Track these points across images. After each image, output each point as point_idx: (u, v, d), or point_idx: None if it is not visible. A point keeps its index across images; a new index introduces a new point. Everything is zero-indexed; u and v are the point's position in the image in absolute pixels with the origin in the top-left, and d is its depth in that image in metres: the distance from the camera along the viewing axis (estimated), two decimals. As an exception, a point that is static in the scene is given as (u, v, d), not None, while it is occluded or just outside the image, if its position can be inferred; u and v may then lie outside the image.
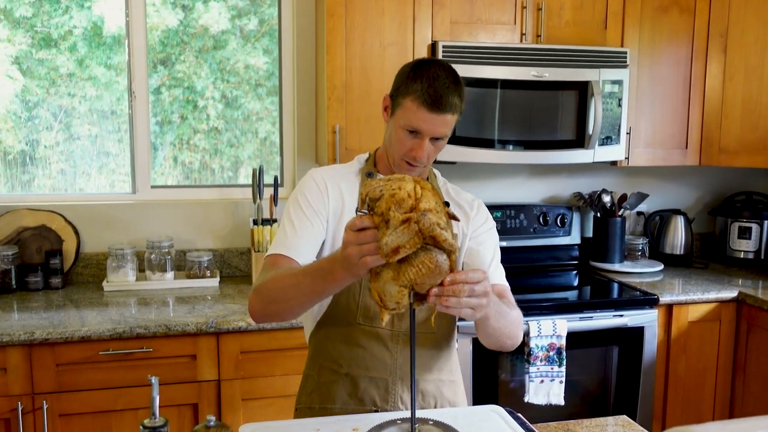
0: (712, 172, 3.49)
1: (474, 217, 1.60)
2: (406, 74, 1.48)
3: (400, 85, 1.49)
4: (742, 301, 2.79)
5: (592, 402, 2.73)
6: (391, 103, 1.52)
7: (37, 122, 2.86)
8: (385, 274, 1.12)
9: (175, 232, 2.89)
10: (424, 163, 1.50)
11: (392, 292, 1.12)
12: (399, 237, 1.06)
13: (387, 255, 1.07)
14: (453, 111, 1.45)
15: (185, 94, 2.98)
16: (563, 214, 3.19)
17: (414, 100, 1.44)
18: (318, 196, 1.53)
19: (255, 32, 3.01)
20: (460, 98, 1.46)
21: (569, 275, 3.16)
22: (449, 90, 1.43)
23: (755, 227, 3.23)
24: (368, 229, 1.11)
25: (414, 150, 1.47)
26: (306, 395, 1.59)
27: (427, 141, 1.47)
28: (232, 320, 2.29)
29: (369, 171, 1.60)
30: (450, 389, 1.59)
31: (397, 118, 1.49)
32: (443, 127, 1.46)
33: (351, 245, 1.13)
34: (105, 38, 2.87)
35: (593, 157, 2.83)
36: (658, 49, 2.94)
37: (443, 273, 1.12)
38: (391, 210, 1.07)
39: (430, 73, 1.44)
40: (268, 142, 3.10)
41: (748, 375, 2.80)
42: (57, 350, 2.17)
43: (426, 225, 1.06)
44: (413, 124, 1.45)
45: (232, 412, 2.33)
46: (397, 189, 1.09)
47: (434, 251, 1.10)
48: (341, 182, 1.56)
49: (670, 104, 3.00)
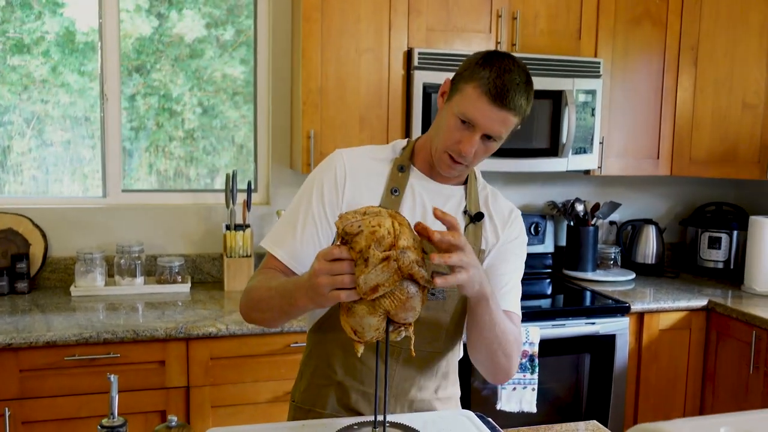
0: (683, 183, 3.54)
1: (504, 231, 1.47)
2: (476, 60, 1.33)
3: (466, 69, 1.34)
4: (712, 309, 2.82)
5: (565, 409, 2.73)
6: (450, 88, 1.37)
7: (9, 128, 2.81)
8: (360, 310, 1.11)
9: (146, 237, 2.85)
10: (468, 160, 1.35)
11: (372, 324, 1.11)
12: (378, 275, 1.06)
13: (366, 293, 1.07)
14: (516, 112, 1.31)
15: (161, 101, 2.95)
16: (537, 222, 3.20)
17: (477, 87, 1.29)
18: (333, 191, 1.40)
19: (232, 42, 3.00)
20: (527, 101, 1.33)
21: (543, 283, 3.17)
22: (518, 87, 1.30)
23: (725, 237, 3.28)
24: (344, 260, 1.08)
25: (462, 143, 1.32)
26: (299, 392, 1.53)
27: (479, 137, 1.32)
28: (202, 326, 2.26)
29: (402, 164, 1.44)
30: (444, 406, 1.53)
31: (453, 104, 1.33)
32: (501, 126, 1.31)
33: (322, 275, 1.09)
34: (78, 44, 2.83)
35: (567, 166, 2.85)
36: (631, 60, 2.98)
37: (416, 305, 1.11)
38: (371, 248, 1.06)
39: (503, 64, 1.31)
40: (245, 150, 3.07)
41: (717, 382, 2.83)
42: (20, 355, 2.12)
43: (405, 263, 1.06)
44: (469, 114, 1.30)
45: (202, 419, 2.29)
46: (377, 226, 1.07)
47: (405, 282, 1.09)
48: (365, 175, 1.42)
49: (643, 115, 3.04)
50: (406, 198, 1.42)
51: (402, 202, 1.41)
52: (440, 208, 1.21)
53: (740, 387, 2.72)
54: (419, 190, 1.43)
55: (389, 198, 1.41)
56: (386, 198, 1.41)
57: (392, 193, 1.41)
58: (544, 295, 3.07)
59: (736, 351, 2.73)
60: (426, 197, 1.43)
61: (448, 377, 1.53)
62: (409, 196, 1.42)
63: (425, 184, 1.44)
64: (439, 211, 1.13)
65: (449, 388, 1.54)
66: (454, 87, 1.35)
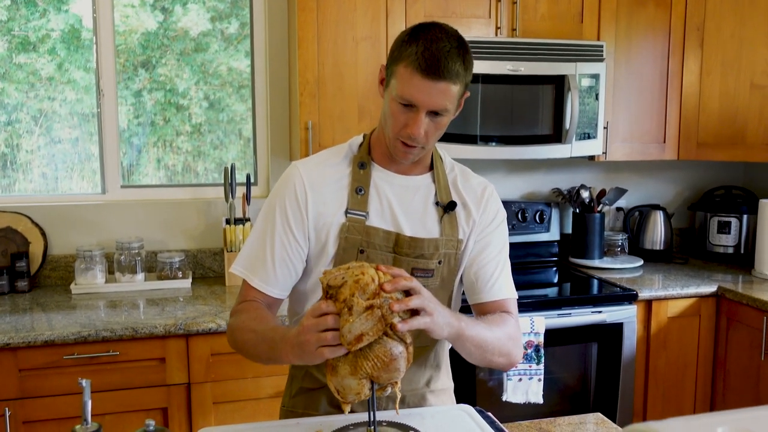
0: (690, 167, 3.47)
1: (480, 214, 1.43)
2: (402, 38, 1.28)
3: (395, 50, 1.29)
4: (722, 296, 2.77)
5: (572, 399, 2.69)
6: (386, 73, 1.33)
7: (18, 126, 2.80)
8: (342, 370, 1.10)
9: (145, 233, 2.82)
10: (421, 142, 1.30)
11: (352, 386, 1.11)
12: (362, 324, 1.05)
13: (350, 343, 1.05)
14: (454, 79, 1.24)
15: (167, 96, 2.92)
16: (542, 210, 3.16)
17: (408, 65, 1.24)
18: (297, 213, 1.36)
19: (236, 35, 2.96)
20: (464, 66, 1.26)
21: (548, 272, 3.12)
22: (450, 54, 1.23)
23: (734, 222, 3.22)
24: (328, 315, 1.07)
25: (409, 125, 1.27)
26: (290, 397, 1.52)
27: (424, 115, 1.27)
28: (202, 322, 2.23)
29: (361, 161, 1.39)
30: (438, 398, 1.50)
31: (391, 89, 1.29)
32: (441, 98, 1.25)
33: (309, 332, 1.08)
34: (84, 41, 2.81)
35: (571, 152, 2.80)
36: (635, 43, 2.92)
37: (400, 366, 1.10)
38: (354, 296, 1.06)
39: (429, 35, 1.24)
40: (252, 143, 3.04)
41: (728, 370, 2.78)
42: (19, 355, 2.10)
43: (389, 312, 1.06)
44: (407, 94, 1.25)
45: (203, 416, 2.27)
46: (361, 274, 1.07)
47: (389, 343, 1.08)
48: (326, 184, 1.38)
49: (648, 98, 2.98)
50: (372, 197, 1.38)
51: (369, 201, 1.38)
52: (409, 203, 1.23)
53: (752, 374, 2.67)
54: (384, 187, 1.39)
55: (354, 198, 1.37)
56: (352, 199, 1.37)
57: (357, 192, 1.37)
58: (550, 283, 3.03)
59: (747, 337, 2.68)
60: (391, 194, 1.39)
61: (439, 369, 1.51)
62: (375, 195, 1.39)
63: (389, 179, 1.40)
64: (383, 267, 1.12)
65: (441, 379, 1.51)
66: (389, 71, 1.31)
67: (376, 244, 1.35)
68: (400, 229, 1.37)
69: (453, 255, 1.40)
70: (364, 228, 1.35)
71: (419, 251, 1.37)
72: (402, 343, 1.09)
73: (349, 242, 1.35)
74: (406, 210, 1.39)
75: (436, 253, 1.38)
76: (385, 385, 1.13)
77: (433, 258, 1.38)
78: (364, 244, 1.35)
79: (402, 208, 1.39)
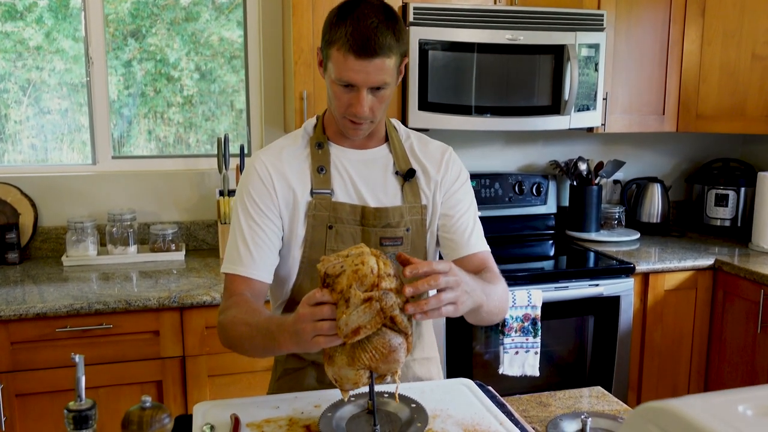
0: (689, 139, 3.44)
1: (443, 177, 1.44)
2: (330, 20, 1.28)
3: (326, 34, 1.29)
4: (719, 268, 2.76)
5: (568, 372, 2.69)
6: (322, 56, 1.33)
7: (6, 97, 2.73)
8: (339, 360, 1.08)
9: (137, 205, 2.78)
10: (368, 118, 1.32)
11: (349, 376, 1.08)
12: (360, 317, 1.01)
13: (346, 335, 1.02)
14: (387, 53, 1.25)
15: (157, 67, 2.86)
16: (539, 182, 3.12)
17: (339, 48, 1.24)
18: (265, 194, 1.37)
19: (228, 4, 2.88)
20: (395, 37, 1.26)
21: (545, 245, 3.11)
22: (378, 29, 1.23)
23: (732, 195, 3.20)
24: (325, 304, 1.04)
25: (353, 105, 1.29)
26: (275, 381, 1.51)
27: (366, 93, 1.28)
28: (196, 295, 2.21)
29: (318, 141, 1.41)
30: (423, 367, 1.51)
31: (329, 72, 1.30)
32: (379, 74, 1.26)
33: (306, 321, 1.05)
34: (72, 9, 2.73)
35: (569, 124, 2.76)
36: (636, 11, 2.86)
37: (399, 357, 1.07)
38: (352, 287, 1.02)
39: (354, 14, 1.24)
40: (245, 114, 2.98)
41: (724, 343, 2.79)
42: (11, 328, 2.07)
43: (388, 305, 1.02)
44: (344, 76, 1.26)
45: (198, 389, 2.25)
46: (360, 264, 1.03)
47: (388, 334, 1.05)
48: (288, 167, 1.39)
49: (648, 69, 2.93)
50: (334, 175, 1.41)
51: (331, 179, 1.39)
52: (369, 175, 1.31)
53: (747, 347, 2.67)
54: (343, 164, 1.42)
55: (318, 178, 1.38)
56: (315, 178, 1.39)
57: (319, 171, 1.39)
58: (547, 256, 3.01)
59: (744, 310, 2.68)
60: (351, 169, 1.42)
61: (422, 337, 1.52)
62: (336, 173, 1.41)
63: (347, 155, 1.42)
64: (407, 271, 1.07)
65: (426, 349, 1.53)
66: (324, 54, 1.32)
67: (343, 219, 1.38)
68: (364, 202, 1.39)
69: (419, 221, 1.42)
70: (330, 204, 1.37)
71: (385, 221, 1.39)
72: (402, 334, 1.06)
73: (318, 219, 1.37)
74: (367, 183, 1.41)
75: (402, 220, 1.40)
76: (385, 375, 1.11)
77: (400, 226, 1.40)
78: (332, 220, 1.37)
79: (363, 181, 1.41)
